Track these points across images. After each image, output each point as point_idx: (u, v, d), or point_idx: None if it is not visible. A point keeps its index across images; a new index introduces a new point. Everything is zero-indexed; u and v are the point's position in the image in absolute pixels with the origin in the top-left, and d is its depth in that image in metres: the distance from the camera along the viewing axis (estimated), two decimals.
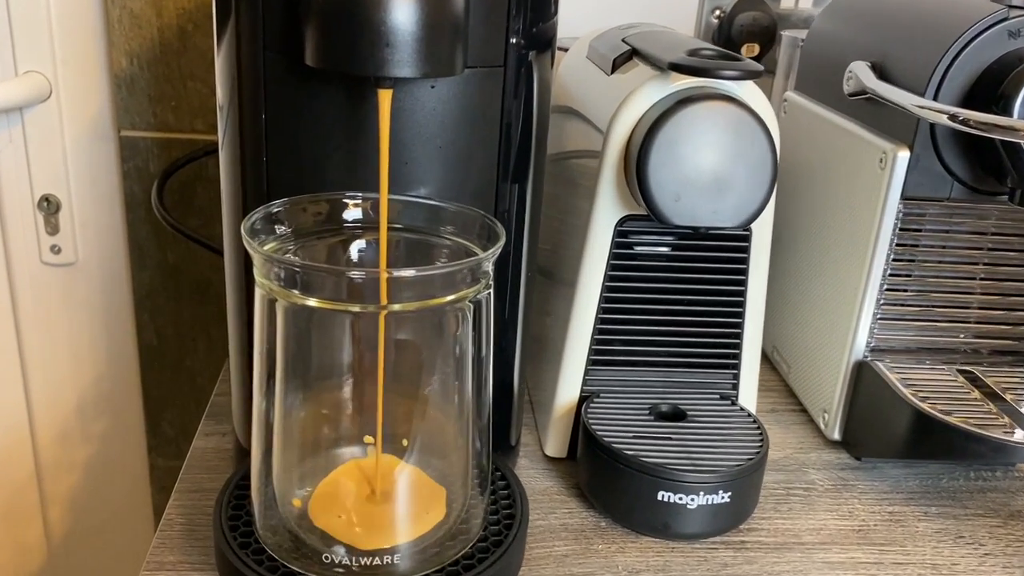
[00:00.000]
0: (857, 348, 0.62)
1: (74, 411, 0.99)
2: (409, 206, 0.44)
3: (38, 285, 0.93)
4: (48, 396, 0.98)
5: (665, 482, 0.51)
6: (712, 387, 0.60)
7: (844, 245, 0.63)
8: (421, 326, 0.41)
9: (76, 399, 0.98)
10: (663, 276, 0.57)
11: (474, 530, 0.45)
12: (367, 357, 0.41)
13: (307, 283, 0.37)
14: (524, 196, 0.51)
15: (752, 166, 0.51)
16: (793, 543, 0.54)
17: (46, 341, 0.95)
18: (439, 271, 0.39)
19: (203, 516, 0.53)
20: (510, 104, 0.46)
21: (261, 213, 0.41)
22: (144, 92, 0.86)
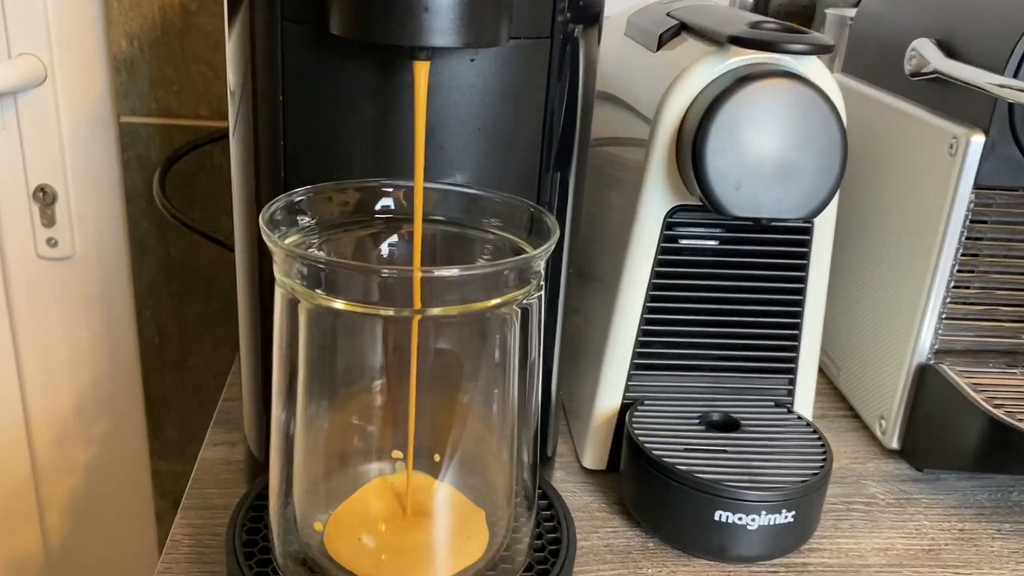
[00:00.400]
0: (920, 350, 0.57)
1: (72, 412, 0.94)
2: (447, 195, 0.40)
3: (34, 280, 0.88)
4: (45, 397, 0.93)
5: (723, 500, 0.47)
6: (765, 393, 0.55)
7: (906, 239, 0.58)
8: (462, 333, 0.36)
9: (74, 400, 0.94)
10: (714, 272, 0.52)
11: (519, 558, 0.40)
12: (401, 366, 0.36)
13: (333, 283, 0.33)
14: (567, 186, 0.46)
15: (820, 151, 0.46)
16: (860, 565, 0.50)
17: (43, 339, 0.90)
18: (484, 270, 0.34)
19: (213, 537, 0.48)
20: (555, 82, 0.41)
21: (282, 202, 0.36)
22: (145, 75, 0.81)
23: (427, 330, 0.34)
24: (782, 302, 0.53)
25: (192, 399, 0.93)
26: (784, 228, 0.52)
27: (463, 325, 0.36)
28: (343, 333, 0.35)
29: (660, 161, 0.49)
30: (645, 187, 0.50)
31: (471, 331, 0.36)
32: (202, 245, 0.86)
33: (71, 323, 0.91)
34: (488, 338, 0.36)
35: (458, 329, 0.35)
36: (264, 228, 0.33)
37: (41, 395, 0.93)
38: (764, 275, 0.53)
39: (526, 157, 0.42)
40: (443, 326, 0.35)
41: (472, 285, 0.33)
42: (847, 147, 0.46)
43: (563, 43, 0.41)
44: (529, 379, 0.39)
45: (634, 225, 0.51)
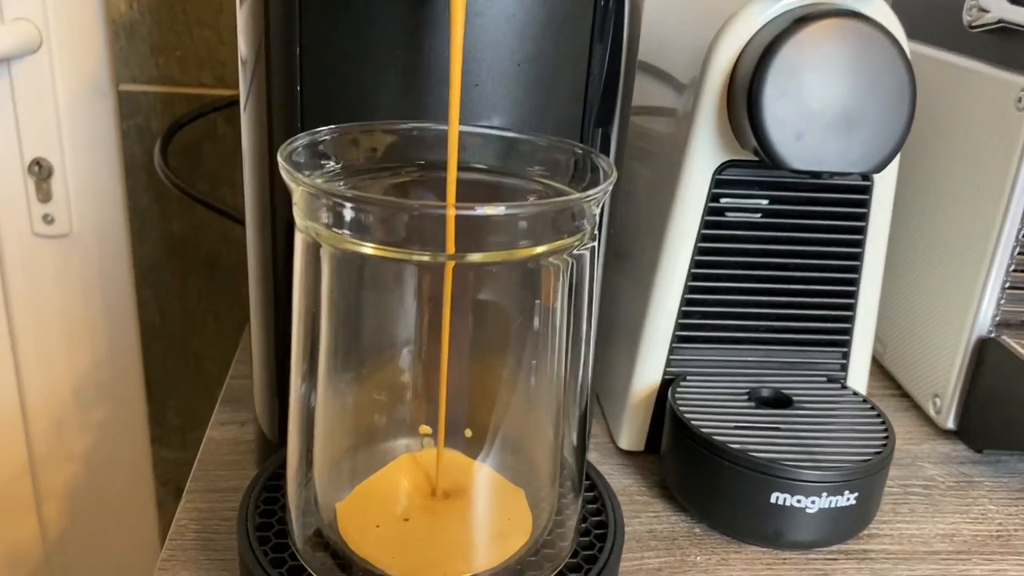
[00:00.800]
0: (980, 322, 0.53)
1: (70, 397, 0.90)
2: (485, 140, 0.35)
3: (29, 259, 0.84)
4: (42, 381, 0.89)
5: (780, 481, 0.43)
6: (817, 368, 0.51)
7: (965, 203, 0.54)
8: (504, 286, 0.32)
9: (72, 384, 0.90)
10: (764, 236, 0.48)
11: (564, 543, 0.36)
12: (436, 325, 0.31)
13: (361, 223, 0.28)
14: (609, 136, 0.42)
15: (887, 98, 0.42)
16: (924, 552, 0.46)
17: (39, 320, 0.86)
18: (533, 210, 0.30)
19: (222, 522, 0.44)
20: (601, 13, 0.37)
21: (305, 140, 0.32)
22: (145, 41, 0.77)
23: (465, 282, 0.30)
24: (837, 268, 0.49)
25: (195, 383, 0.89)
26: (841, 187, 0.48)
27: (506, 277, 0.31)
28: (371, 285, 0.31)
29: (709, 112, 0.45)
30: (692, 141, 0.46)
31: (515, 284, 0.32)
32: (205, 220, 0.82)
33: (68, 304, 0.86)
34: (534, 293, 0.32)
35: (500, 281, 0.31)
36: (283, 164, 0.29)
37: (37, 380, 0.89)
38: (817, 239, 0.49)
39: (569, 98, 0.38)
40: (483, 277, 0.31)
41: (517, 228, 0.29)
42: (916, 92, 0.42)
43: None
44: (583, 345, 0.34)
45: (679, 184, 0.47)
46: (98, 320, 0.88)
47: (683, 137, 0.46)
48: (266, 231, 0.42)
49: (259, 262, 0.44)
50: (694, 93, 0.45)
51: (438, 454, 0.36)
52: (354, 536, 0.35)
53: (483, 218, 0.28)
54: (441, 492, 0.35)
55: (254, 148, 0.41)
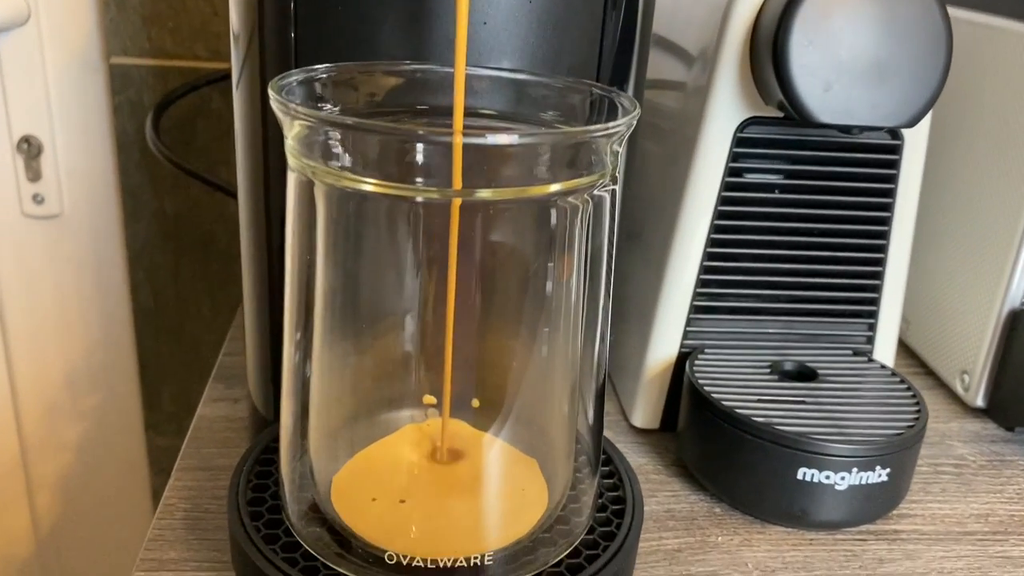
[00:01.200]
0: (1012, 294, 0.50)
1: (62, 384, 0.88)
2: (494, 82, 0.33)
3: (19, 240, 0.81)
4: (33, 368, 0.86)
5: (808, 456, 0.40)
6: (842, 340, 0.48)
7: (995, 169, 0.51)
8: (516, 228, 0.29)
9: (64, 370, 0.87)
10: (788, 199, 0.46)
11: (580, 520, 0.34)
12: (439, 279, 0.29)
13: (361, 156, 0.26)
14: (626, 85, 0.39)
15: (921, 47, 0.39)
16: (959, 533, 0.43)
17: (29, 304, 0.84)
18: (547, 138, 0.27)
19: (213, 501, 0.41)
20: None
21: (299, 76, 0.29)
22: (136, 11, 0.74)
23: (475, 225, 0.27)
24: (864, 234, 0.47)
25: (190, 368, 0.87)
26: (870, 146, 0.45)
27: (519, 218, 0.28)
28: (371, 229, 0.29)
29: (730, 64, 0.42)
30: (712, 97, 0.43)
31: (529, 227, 0.29)
32: (200, 199, 0.80)
33: (59, 287, 0.84)
34: (550, 238, 0.29)
35: (513, 224, 0.28)
36: (275, 96, 0.27)
37: (28, 367, 0.86)
38: (843, 202, 0.46)
39: (584, 39, 0.35)
40: (494, 219, 0.28)
41: (531, 161, 0.26)
42: (952, 39, 0.39)
43: None
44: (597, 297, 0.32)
45: (698, 144, 0.44)
46: (90, 304, 0.85)
47: (702, 97, 0.44)
48: (259, 206, 0.40)
49: (252, 237, 0.42)
50: (714, 48, 0.43)
51: (443, 419, 0.33)
52: (349, 511, 0.32)
53: (494, 148, 0.25)
54: (447, 462, 0.33)
55: (247, 126, 0.39)
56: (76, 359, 0.87)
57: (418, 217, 0.27)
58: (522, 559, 0.31)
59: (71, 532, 0.93)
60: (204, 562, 0.37)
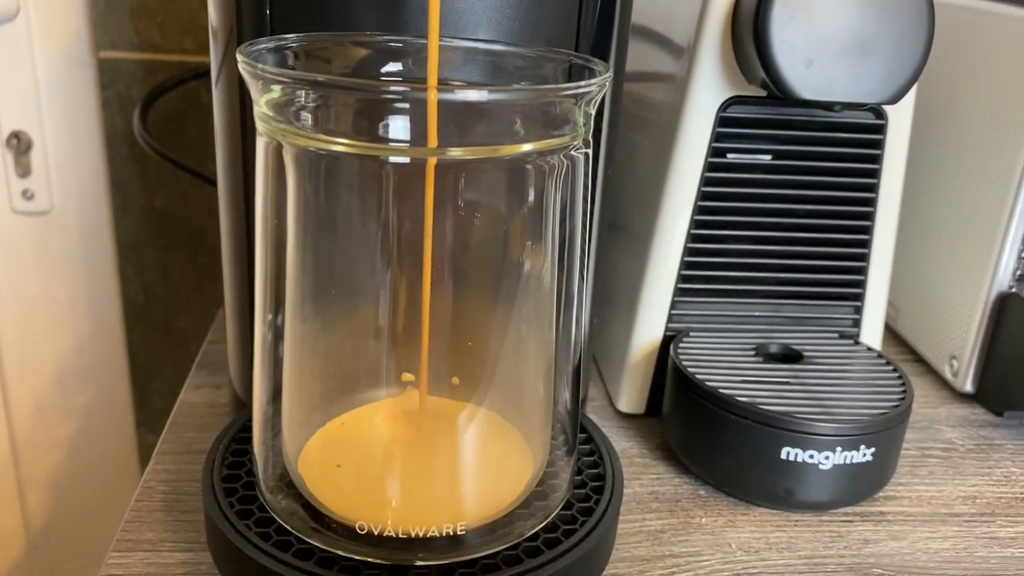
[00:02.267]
0: (1000, 278, 0.50)
1: (52, 382, 0.87)
2: (468, 54, 0.32)
3: (8, 236, 0.81)
4: (23, 365, 0.86)
5: (792, 435, 0.40)
6: (828, 323, 0.48)
7: (982, 151, 0.51)
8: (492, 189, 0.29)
9: (54, 368, 0.87)
10: (771, 180, 0.45)
11: (557, 495, 0.33)
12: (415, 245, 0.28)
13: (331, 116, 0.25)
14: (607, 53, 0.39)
15: (903, 23, 0.39)
16: (945, 514, 0.42)
17: (19, 301, 0.83)
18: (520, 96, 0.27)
19: (191, 483, 0.41)
20: None
21: (269, 44, 0.29)
22: (125, 6, 0.74)
23: (448, 187, 0.27)
24: (848, 215, 0.46)
25: (181, 365, 0.86)
26: (853, 126, 0.45)
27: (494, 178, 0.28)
28: (342, 193, 0.28)
29: (712, 43, 0.42)
30: (694, 75, 0.43)
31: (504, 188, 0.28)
32: (189, 194, 0.79)
33: (50, 283, 0.83)
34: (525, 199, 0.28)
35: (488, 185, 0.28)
36: (244, 60, 0.26)
37: (18, 364, 0.86)
38: (828, 183, 0.46)
39: (560, 13, 0.35)
40: (469, 180, 0.27)
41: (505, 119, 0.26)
42: (934, 15, 0.39)
43: None
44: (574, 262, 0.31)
45: (681, 123, 0.44)
46: (80, 300, 0.85)
47: (684, 76, 0.43)
48: (238, 194, 0.40)
49: (231, 224, 0.42)
50: (696, 26, 0.43)
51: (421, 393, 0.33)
52: (316, 480, 0.31)
53: (467, 106, 0.25)
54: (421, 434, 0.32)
55: (226, 117, 0.39)
56: (66, 356, 0.86)
57: (390, 179, 0.27)
58: (498, 531, 0.31)
59: (62, 530, 0.93)
60: (180, 543, 0.37)
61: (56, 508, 0.92)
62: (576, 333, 0.33)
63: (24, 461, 0.90)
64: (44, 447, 0.89)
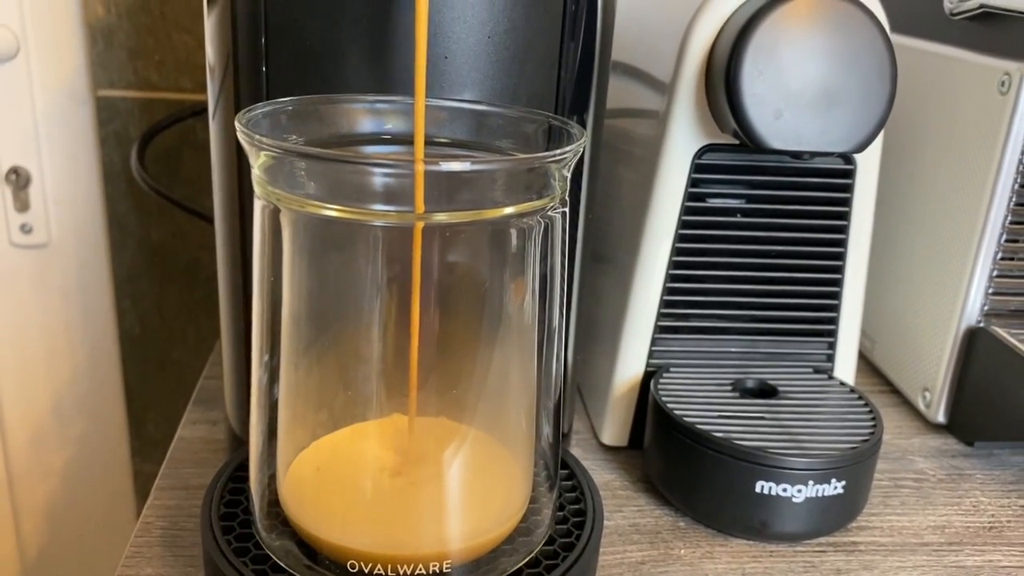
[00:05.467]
0: (969, 313, 0.52)
1: (49, 411, 0.88)
2: (453, 113, 0.34)
3: (6, 269, 0.83)
4: (19, 394, 0.87)
5: (765, 469, 0.41)
6: (803, 359, 0.50)
7: (950, 191, 0.53)
8: (471, 252, 0.31)
9: (51, 397, 0.88)
10: (746, 223, 0.47)
11: (539, 531, 0.35)
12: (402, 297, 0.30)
13: (324, 183, 0.27)
14: (586, 112, 0.41)
15: (867, 76, 0.41)
16: (916, 544, 0.44)
17: (16, 332, 0.85)
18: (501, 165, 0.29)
19: (189, 519, 0.43)
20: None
21: (265, 109, 0.31)
22: (123, 45, 0.76)
23: (432, 245, 0.29)
24: (821, 255, 0.48)
25: (176, 395, 0.88)
26: (823, 171, 0.47)
27: (474, 240, 0.30)
28: (335, 252, 0.30)
29: (687, 94, 0.44)
30: (670, 125, 0.45)
31: (484, 248, 0.30)
32: (184, 228, 0.81)
33: (46, 315, 0.85)
34: (505, 258, 0.30)
35: (470, 245, 0.30)
36: (242, 129, 0.28)
37: (15, 393, 0.87)
38: (800, 225, 0.48)
39: (541, 73, 0.37)
40: (451, 241, 0.29)
41: (486, 185, 0.27)
42: (897, 70, 0.41)
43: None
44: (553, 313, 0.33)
45: (658, 171, 0.46)
46: (77, 331, 0.86)
47: (662, 124, 0.45)
48: (235, 231, 0.41)
49: (228, 263, 0.43)
50: (672, 77, 0.45)
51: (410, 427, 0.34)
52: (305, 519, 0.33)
53: (451, 175, 0.27)
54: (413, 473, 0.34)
55: (222, 154, 0.41)
56: (63, 386, 0.88)
57: (379, 240, 0.29)
58: (483, 567, 0.33)
59: (57, 557, 0.94)
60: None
61: (51, 535, 0.93)
62: (556, 373, 0.34)
63: (20, 489, 0.91)
64: (40, 475, 0.90)
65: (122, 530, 0.93)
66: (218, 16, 0.37)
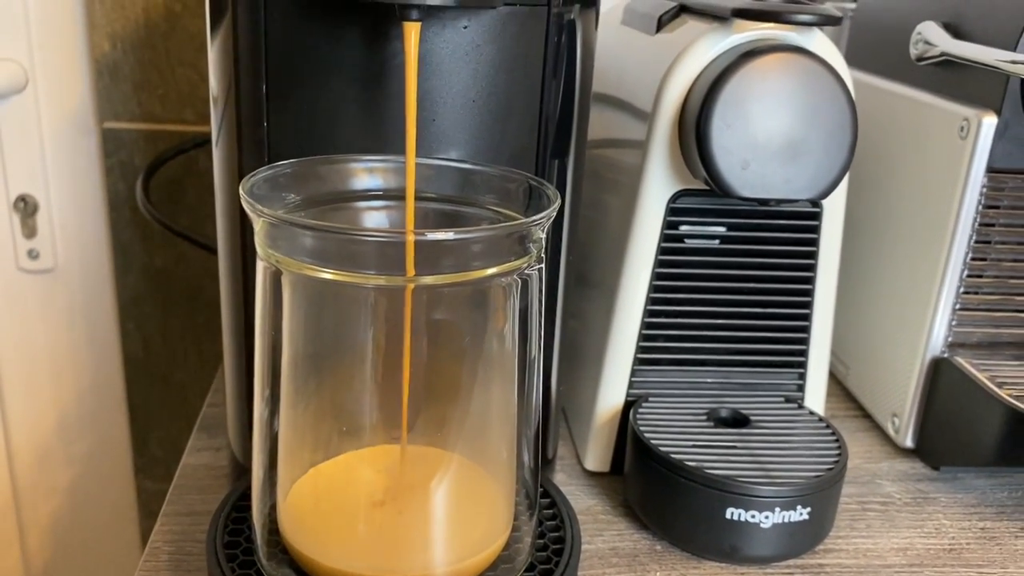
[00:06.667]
0: (934, 343, 0.55)
1: (54, 430, 0.91)
2: (440, 171, 0.37)
3: (14, 293, 0.85)
4: (26, 414, 0.90)
5: (735, 497, 0.44)
6: (775, 389, 0.53)
7: (915, 228, 0.56)
8: (457, 306, 0.34)
9: (56, 417, 0.91)
10: (719, 262, 0.50)
11: (520, 559, 0.38)
12: (393, 345, 0.33)
13: (320, 250, 0.30)
14: (565, 166, 0.44)
15: (829, 128, 0.44)
16: (879, 565, 0.47)
17: (23, 354, 0.88)
18: (481, 234, 0.32)
19: (195, 544, 0.45)
20: (553, 51, 0.39)
21: (265, 173, 0.34)
22: (128, 79, 0.79)
23: (420, 303, 0.32)
24: (790, 291, 0.51)
25: (178, 415, 0.91)
26: (792, 213, 0.50)
27: (459, 298, 0.33)
28: (331, 309, 0.33)
29: (662, 143, 0.47)
30: (646, 172, 0.48)
31: (467, 304, 0.33)
32: (187, 254, 0.84)
33: (53, 337, 0.88)
34: (486, 312, 0.33)
35: (454, 302, 0.33)
36: (245, 197, 0.31)
37: (22, 413, 0.90)
38: (771, 263, 0.50)
39: (522, 132, 0.40)
40: (437, 299, 0.32)
41: (468, 251, 0.30)
42: (857, 123, 0.44)
43: (560, 13, 0.39)
44: (532, 368, 0.36)
45: (635, 213, 0.49)
46: (82, 353, 0.89)
47: (639, 167, 0.48)
48: (237, 262, 0.44)
49: (231, 293, 0.46)
50: (648, 129, 0.48)
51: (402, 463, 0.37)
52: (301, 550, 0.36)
53: (436, 243, 0.30)
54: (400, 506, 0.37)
55: (225, 182, 0.43)
56: (68, 406, 0.90)
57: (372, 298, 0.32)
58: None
59: (62, 573, 0.96)
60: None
61: (56, 551, 0.96)
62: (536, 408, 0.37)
63: (25, 505, 0.93)
64: (45, 492, 0.93)
65: (126, 545, 0.96)
66: (220, 46, 0.40)
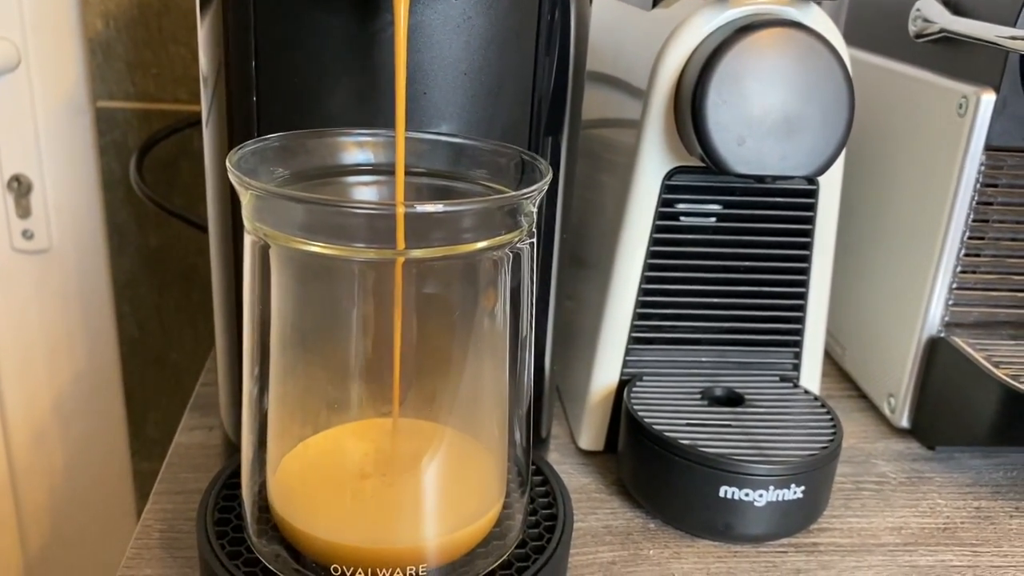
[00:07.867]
0: (930, 323, 0.54)
1: (50, 411, 0.91)
2: (431, 145, 0.37)
3: (9, 274, 0.85)
4: (22, 395, 0.90)
5: (728, 475, 0.44)
6: (770, 368, 0.52)
7: (912, 207, 0.55)
8: (448, 280, 0.33)
9: (52, 398, 0.90)
10: (714, 240, 0.50)
11: (512, 535, 0.38)
12: (383, 320, 0.33)
13: (309, 223, 0.30)
14: (559, 142, 0.43)
15: (826, 103, 0.43)
16: (872, 544, 0.47)
17: (18, 335, 0.87)
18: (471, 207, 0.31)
19: (187, 522, 0.45)
20: (546, 24, 0.39)
21: (254, 146, 0.34)
22: (122, 58, 0.78)
23: (411, 277, 0.32)
24: (786, 270, 0.51)
25: (174, 396, 0.90)
26: (788, 191, 0.49)
27: (450, 271, 0.33)
28: (320, 282, 0.33)
29: (657, 119, 0.47)
30: (642, 148, 0.47)
31: (458, 278, 0.33)
32: (181, 234, 0.83)
33: (48, 318, 0.87)
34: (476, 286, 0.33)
35: (444, 275, 0.33)
36: (232, 169, 0.31)
37: (17, 394, 0.90)
38: (767, 241, 0.50)
39: (515, 105, 0.39)
40: (428, 273, 0.32)
41: (458, 224, 0.30)
42: (854, 98, 0.44)
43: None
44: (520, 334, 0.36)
45: (631, 190, 0.48)
46: (77, 334, 0.89)
47: (635, 144, 0.48)
48: (228, 241, 0.44)
49: (222, 272, 0.45)
50: (643, 105, 0.47)
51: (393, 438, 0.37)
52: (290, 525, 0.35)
53: (425, 215, 0.29)
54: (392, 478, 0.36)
55: (215, 160, 0.43)
56: (64, 387, 0.90)
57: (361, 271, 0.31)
58: (458, 570, 0.35)
59: (58, 554, 0.96)
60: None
61: (53, 532, 0.96)
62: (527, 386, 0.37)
63: (22, 487, 0.93)
64: (42, 473, 0.93)
65: (122, 526, 0.96)
66: (210, 22, 0.39)
